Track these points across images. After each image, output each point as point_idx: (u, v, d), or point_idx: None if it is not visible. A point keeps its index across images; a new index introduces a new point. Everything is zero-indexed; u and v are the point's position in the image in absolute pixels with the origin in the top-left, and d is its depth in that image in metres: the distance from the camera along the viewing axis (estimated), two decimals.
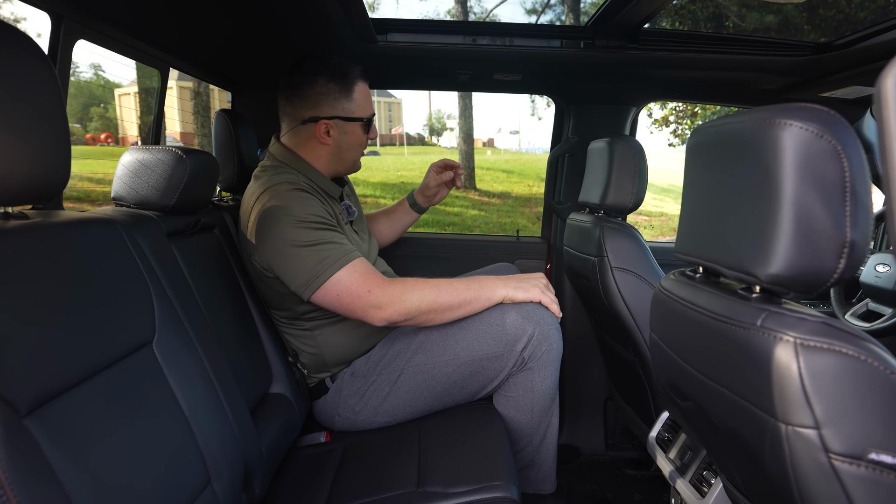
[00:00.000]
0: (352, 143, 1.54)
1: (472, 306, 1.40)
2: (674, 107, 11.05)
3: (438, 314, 1.37)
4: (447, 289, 1.37)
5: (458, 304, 1.38)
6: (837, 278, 0.70)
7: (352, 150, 1.55)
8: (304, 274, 1.31)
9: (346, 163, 1.56)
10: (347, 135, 1.52)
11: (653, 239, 9.76)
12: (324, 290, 1.31)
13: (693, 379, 0.93)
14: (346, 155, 1.55)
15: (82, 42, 1.28)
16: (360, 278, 1.32)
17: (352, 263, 1.33)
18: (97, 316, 0.84)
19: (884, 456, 0.65)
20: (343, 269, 1.31)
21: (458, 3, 12.31)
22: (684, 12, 7.00)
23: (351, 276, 1.32)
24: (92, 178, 10.61)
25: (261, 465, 1.18)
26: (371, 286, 1.32)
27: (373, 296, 1.31)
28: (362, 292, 1.31)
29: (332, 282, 1.31)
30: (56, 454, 0.68)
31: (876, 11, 5.68)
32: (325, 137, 1.49)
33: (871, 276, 1.73)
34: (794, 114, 0.70)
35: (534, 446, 1.52)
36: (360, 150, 1.57)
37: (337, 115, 1.49)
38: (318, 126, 1.48)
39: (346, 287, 1.31)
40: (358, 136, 1.54)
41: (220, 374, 1.12)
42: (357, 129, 1.53)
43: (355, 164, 1.60)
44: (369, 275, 1.34)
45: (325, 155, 1.52)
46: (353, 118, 1.50)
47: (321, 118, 1.48)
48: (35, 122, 0.75)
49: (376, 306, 1.32)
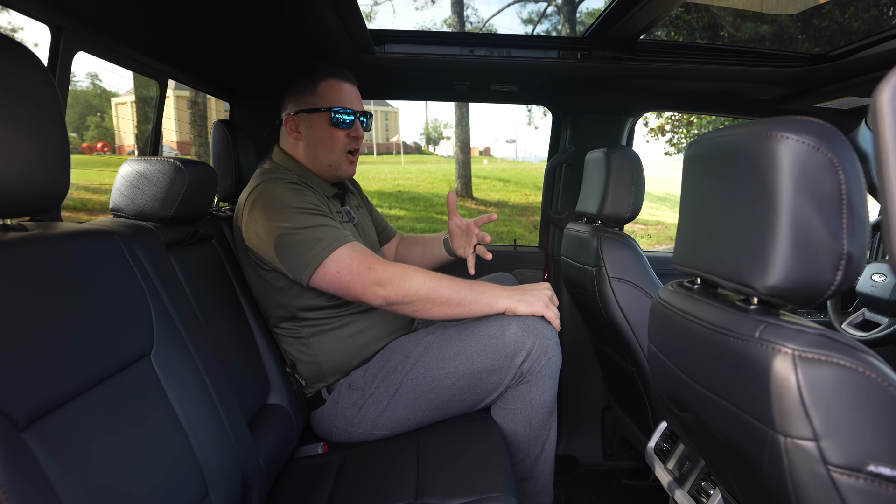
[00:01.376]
0: (319, 138, 1.52)
1: (471, 307, 1.38)
2: (670, 116, 11.10)
3: (436, 305, 1.35)
4: (449, 283, 1.36)
5: (456, 301, 1.36)
6: (835, 290, 0.71)
7: (321, 145, 1.53)
8: (302, 255, 1.32)
9: (322, 162, 1.55)
10: (313, 129, 1.52)
11: (650, 248, 9.78)
12: (323, 268, 1.31)
13: (691, 390, 0.93)
14: (317, 151, 1.54)
15: (81, 53, 1.28)
16: (359, 256, 1.32)
17: (350, 244, 1.34)
18: (95, 327, 0.84)
19: (882, 468, 0.65)
20: (342, 248, 1.32)
21: (454, 14, 12.37)
22: (679, 22, 7.05)
23: (351, 254, 1.32)
24: (88, 188, 10.61)
25: (258, 477, 1.17)
26: (371, 263, 1.32)
27: (373, 273, 1.31)
28: (362, 269, 1.31)
29: (331, 259, 1.31)
30: (54, 467, 0.67)
31: (869, 22, 5.74)
32: (296, 133, 1.54)
33: (867, 286, 1.73)
34: (790, 127, 0.71)
35: (531, 459, 1.52)
36: (332, 147, 1.53)
37: (300, 109, 1.52)
38: (286, 122, 1.54)
39: (346, 264, 1.31)
40: (324, 130, 1.52)
41: (218, 385, 1.11)
42: (322, 123, 1.51)
43: (335, 165, 1.56)
44: (368, 254, 1.34)
45: (302, 152, 1.55)
46: (312, 109, 1.51)
47: (288, 114, 1.54)
48: (34, 134, 0.75)
49: (377, 283, 1.31)
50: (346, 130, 1.54)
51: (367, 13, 2.87)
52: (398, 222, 10.64)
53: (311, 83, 1.51)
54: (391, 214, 11.49)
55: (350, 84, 1.56)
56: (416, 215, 11.58)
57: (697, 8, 6.73)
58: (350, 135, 1.54)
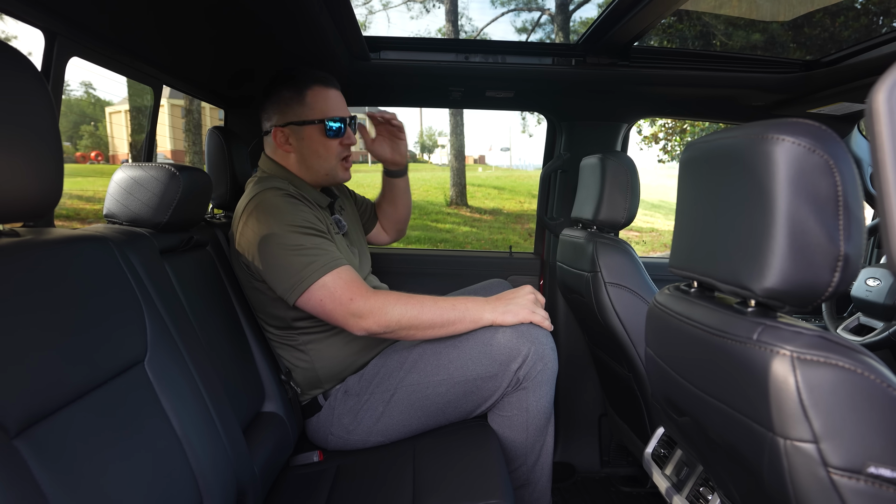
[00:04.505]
0: (314, 149, 1.51)
1: (456, 327, 1.39)
2: (663, 123, 11.17)
3: (419, 331, 1.36)
4: (431, 307, 1.36)
5: (440, 324, 1.36)
6: (832, 292, 0.71)
7: (315, 156, 1.51)
8: (290, 277, 1.32)
9: (318, 172, 1.54)
10: (305, 140, 1.50)
11: (644, 255, 9.80)
12: (308, 294, 1.32)
13: (689, 394, 0.93)
14: (312, 162, 1.52)
15: (75, 60, 1.28)
16: (344, 285, 1.32)
17: (338, 270, 1.33)
18: (88, 334, 0.83)
19: (883, 469, 0.64)
20: (329, 275, 1.32)
21: (449, 22, 12.43)
22: (672, 30, 7.11)
23: (336, 283, 1.32)
24: (81, 196, 10.57)
25: (253, 485, 1.16)
26: (354, 294, 1.32)
27: (354, 304, 1.31)
28: (345, 300, 1.31)
29: (316, 286, 1.31)
30: (45, 475, 0.66)
31: (860, 30, 5.80)
32: (286, 146, 1.52)
33: (861, 290, 1.74)
34: (786, 129, 0.71)
35: (529, 465, 1.51)
36: (326, 157, 1.52)
37: (289, 122, 1.50)
38: (274, 135, 1.51)
39: (329, 293, 1.31)
40: (318, 141, 1.50)
41: (213, 392, 1.10)
42: (314, 134, 1.50)
43: (331, 174, 1.55)
44: (354, 283, 1.34)
45: (294, 163, 1.54)
46: (304, 121, 1.49)
47: (276, 126, 1.51)
48: (28, 139, 0.74)
49: (357, 315, 1.31)
50: (339, 139, 1.53)
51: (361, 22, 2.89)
52: None
53: (297, 92, 1.49)
54: None
55: (335, 89, 1.55)
56: (411, 223, 11.48)
57: (690, 17, 6.79)
58: (343, 142, 1.54)
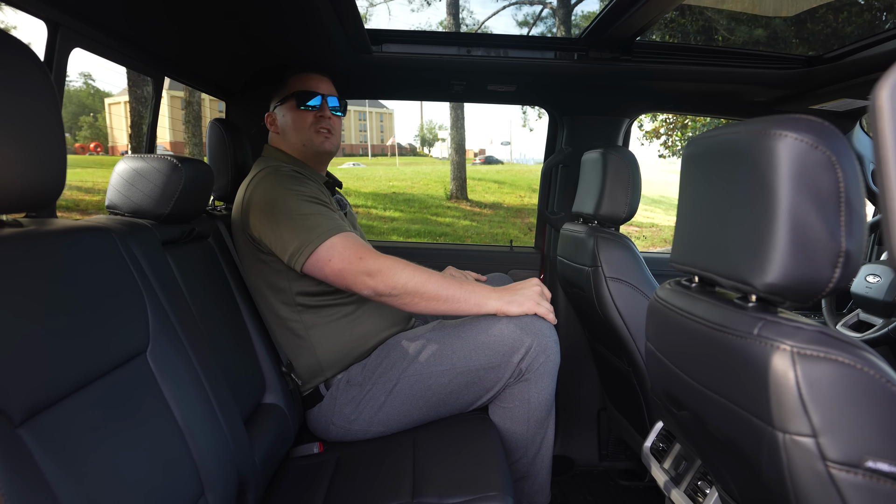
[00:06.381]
0: (290, 123, 1.60)
1: (460, 305, 1.39)
2: (664, 118, 11.15)
3: (423, 300, 1.36)
4: (438, 279, 1.37)
5: (444, 298, 1.37)
6: (833, 287, 0.71)
7: (293, 129, 1.60)
8: (297, 240, 1.35)
9: (296, 144, 1.61)
10: (285, 116, 1.61)
11: (645, 250, 9.81)
12: (316, 255, 1.34)
13: (689, 388, 0.93)
14: (290, 136, 1.61)
15: (76, 50, 1.27)
16: (352, 245, 1.36)
17: (344, 233, 1.37)
18: (91, 325, 0.83)
19: (880, 464, 0.65)
20: (336, 237, 1.36)
21: (450, 15, 12.39)
22: (674, 25, 7.08)
23: (344, 243, 1.35)
24: (81, 188, 10.56)
25: (254, 476, 1.17)
26: (363, 254, 1.35)
27: (364, 262, 1.34)
28: (354, 258, 1.34)
29: (324, 247, 1.34)
30: (49, 464, 0.67)
31: (862, 26, 5.77)
32: (274, 126, 1.65)
33: (861, 287, 1.74)
34: (788, 125, 0.71)
35: (529, 458, 1.52)
36: (302, 128, 1.60)
37: (274, 105, 1.65)
38: (267, 121, 1.67)
39: (339, 252, 1.34)
40: (292, 113, 1.60)
41: (215, 383, 1.11)
42: (290, 109, 1.60)
43: (308, 143, 1.61)
44: (361, 244, 1.38)
45: (284, 143, 1.64)
46: (282, 100, 1.61)
47: (266, 114, 1.67)
48: (31, 129, 0.74)
49: (367, 273, 1.34)
50: (313, 112, 1.60)
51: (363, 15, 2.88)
52: (393, 224, 10.62)
53: (282, 80, 1.64)
54: (386, 216, 11.46)
55: (317, 74, 1.64)
56: (411, 217, 11.56)
57: (692, 11, 6.76)
58: (317, 115, 1.60)
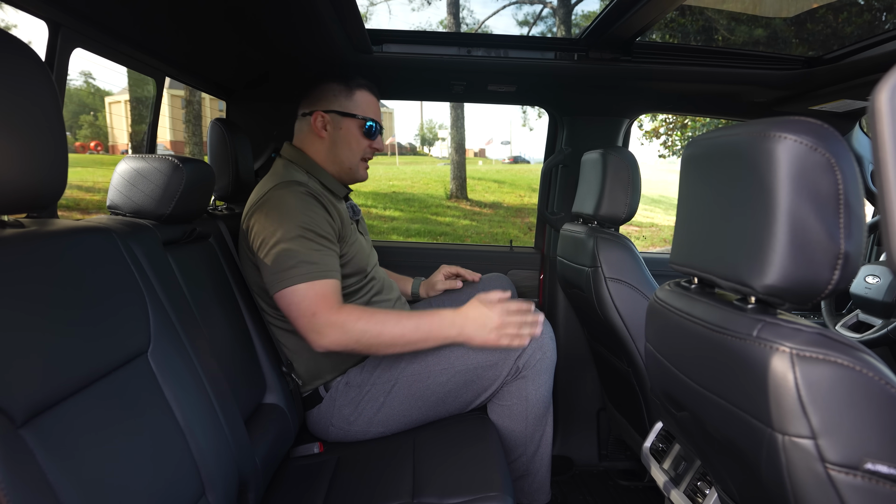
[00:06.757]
0: (346, 141, 1.56)
1: (419, 346, 1.35)
2: (664, 118, 11.16)
3: (381, 349, 1.33)
4: (394, 324, 1.32)
5: (402, 344, 1.33)
6: (832, 289, 0.71)
7: (346, 148, 1.56)
8: (273, 273, 1.34)
9: (342, 164, 1.57)
10: (342, 131, 1.55)
11: (644, 250, 9.81)
12: (280, 295, 1.33)
13: (689, 389, 0.93)
14: (340, 152, 1.56)
15: (78, 50, 1.27)
16: (313, 297, 1.31)
17: (318, 282, 1.32)
18: (92, 325, 0.83)
19: (879, 466, 0.65)
20: (305, 284, 1.31)
21: (450, 15, 12.39)
22: (674, 25, 7.08)
23: (307, 293, 1.31)
24: (81, 187, 10.54)
25: (255, 476, 1.17)
26: (317, 310, 1.30)
27: (315, 320, 1.30)
28: (307, 313, 1.31)
29: (289, 290, 1.32)
30: (51, 464, 0.67)
31: (862, 26, 5.77)
32: (322, 131, 1.55)
33: (861, 288, 1.74)
34: (788, 127, 0.72)
35: (528, 456, 1.52)
36: (356, 152, 1.58)
37: (332, 109, 1.55)
38: (314, 117, 1.55)
39: (298, 300, 1.31)
40: (353, 135, 1.56)
41: (215, 383, 1.11)
42: (352, 128, 1.56)
43: (353, 169, 1.60)
44: (324, 297, 1.32)
45: (322, 150, 1.57)
46: (347, 113, 1.54)
47: (317, 110, 1.55)
48: (32, 130, 0.74)
49: (315, 331, 1.31)
50: (371, 141, 1.59)
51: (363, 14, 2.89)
52: (393, 223, 10.61)
53: (347, 88, 1.56)
54: (386, 215, 11.45)
55: (378, 99, 1.63)
56: (411, 216, 11.56)
57: (692, 11, 6.76)
58: (373, 145, 1.60)
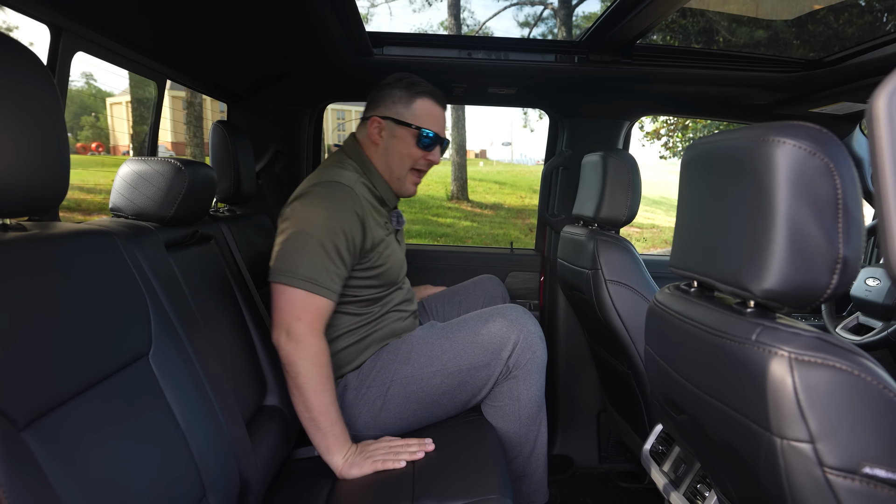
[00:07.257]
0: (399, 150, 1.52)
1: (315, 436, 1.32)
2: (665, 120, 11.15)
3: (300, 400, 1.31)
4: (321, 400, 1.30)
5: (308, 417, 1.31)
6: (830, 294, 0.71)
7: (398, 157, 1.53)
8: (283, 262, 1.33)
9: (392, 172, 1.54)
10: (396, 139, 1.52)
11: (645, 251, 9.81)
12: (276, 287, 1.32)
13: (688, 392, 0.94)
14: (392, 161, 1.53)
15: (80, 53, 1.28)
16: (303, 307, 1.31)
17: (316, 295, 1.32)
18: (94, 328, 0.84)
19: (878, 470, 0.65)
20: (305, 291, 1.31)
21: (451, 16, 12.39)
22: (675, 26, 7.08)
23: (303, 300, 1.31)
24: (83, 188, 10.55)
25: (255, 478, 1.17)
26: (302, 318, 1.30)
27: (298, 324, 1.30)
28: (293, 316, 1.30)
29: (286, 287, 1.31)
30: (52, 466, 0.68)
31: (863, 28, 5.77)
32: (377, 137, 1.53)
33: (861, 290, 1.75)
34: (787, 131, 0.72)
35: (524, 457, 1.52)
36: (407, 162, 1.54)
37: (389, 116, 1.52)
38: (370, 122, 1.53)
39: (288, 300, 1.31)
40: (407, 144, 1.52)
41: (216, 386, 1.11)
42: (407, 137, 1.52)
43: (401, 179, 1.56)
44: (314, 313, 1.32)
45: (376, 156, 1.55)
46: (403, 122, 1.51)
47: (374, 115, 1.53)
48: (35, 134, 0.75)
49: (288, 332, 1.30)
50: (427, 152, 1.55)
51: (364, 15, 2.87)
52: None
53: (408, 95, 1.52)
54: None
55: (442, 109, 1.58)
56: (412, 217, 11.56)
57: (693, 13, 6.76)
58: (428, 157, 1.56)
